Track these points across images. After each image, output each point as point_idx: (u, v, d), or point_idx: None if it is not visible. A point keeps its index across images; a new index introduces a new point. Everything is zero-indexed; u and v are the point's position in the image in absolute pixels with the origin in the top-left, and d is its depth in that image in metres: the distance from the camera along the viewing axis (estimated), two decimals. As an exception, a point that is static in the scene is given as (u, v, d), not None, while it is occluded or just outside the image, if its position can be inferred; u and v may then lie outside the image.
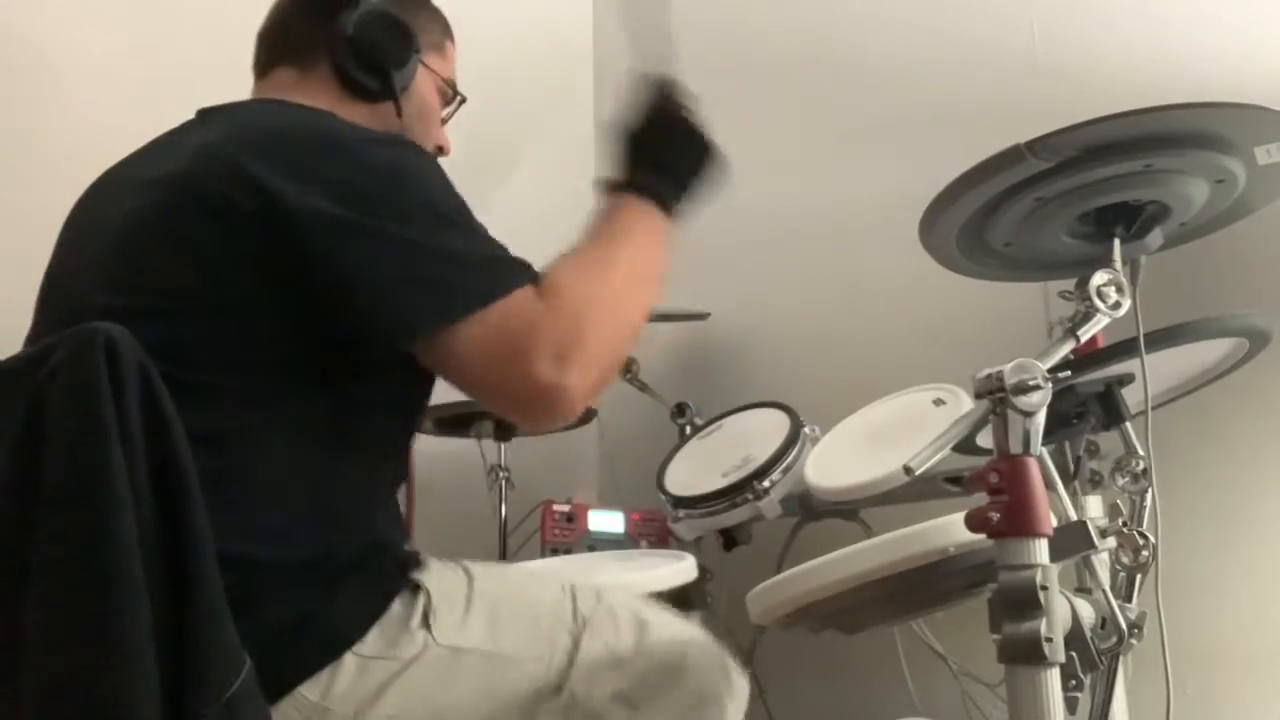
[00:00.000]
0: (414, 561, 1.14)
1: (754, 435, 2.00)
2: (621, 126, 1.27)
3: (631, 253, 1.18)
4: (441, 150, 1.40)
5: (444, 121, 1.41)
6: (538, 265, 1.13)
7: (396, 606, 1.09)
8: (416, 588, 1.11)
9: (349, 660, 1.04)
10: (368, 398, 1.13)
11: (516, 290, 1.07)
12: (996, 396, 1.11)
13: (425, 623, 1.09)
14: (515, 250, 1.13)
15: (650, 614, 1.25)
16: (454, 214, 1.11)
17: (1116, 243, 1.50)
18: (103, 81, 2.02)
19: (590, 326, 1.08)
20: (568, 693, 1.14)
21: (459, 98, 1.42)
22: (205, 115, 1.25)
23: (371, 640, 1.06)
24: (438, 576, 1.14)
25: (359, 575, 1.08)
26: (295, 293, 1.05)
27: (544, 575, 1.29)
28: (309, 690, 1.02)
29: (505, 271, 1.09)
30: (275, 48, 1.32)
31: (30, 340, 1.19)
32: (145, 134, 1.26)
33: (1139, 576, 1.33)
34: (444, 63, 1.39)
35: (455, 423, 2.23)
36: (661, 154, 1.25)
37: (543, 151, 2.79)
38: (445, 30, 1.41)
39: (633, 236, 1.20)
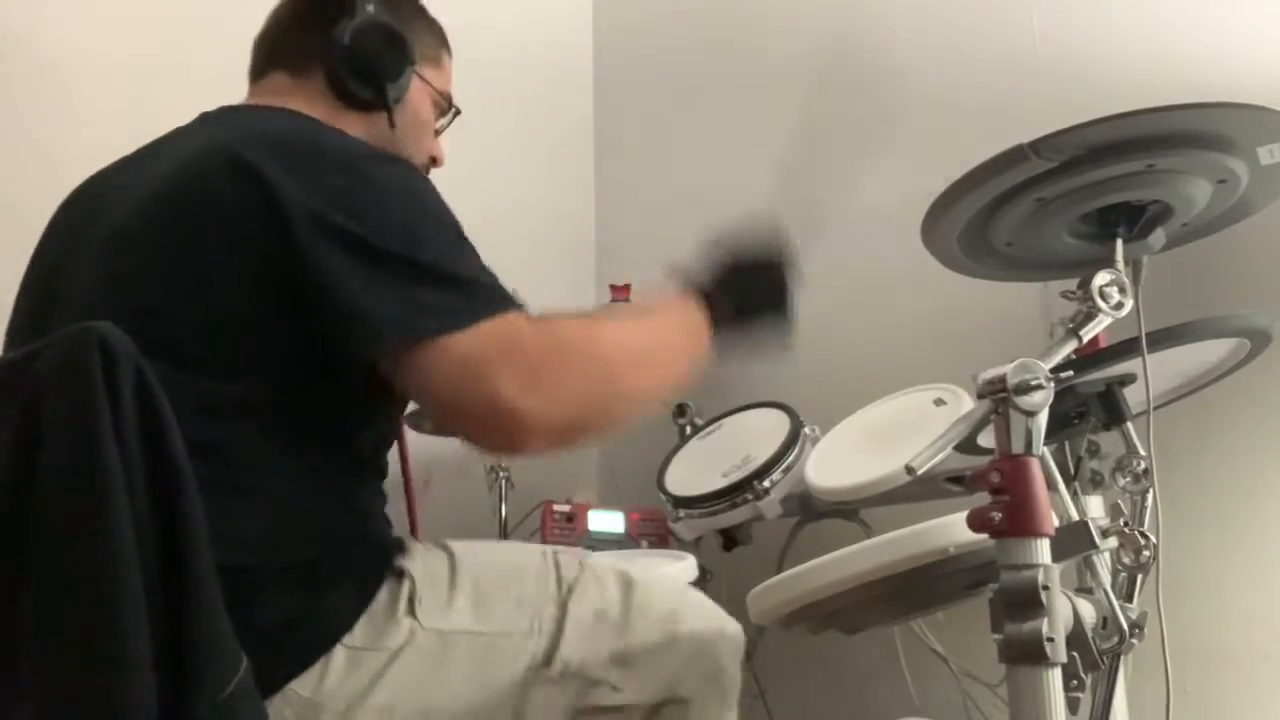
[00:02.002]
0: (398, 548, 1.14)
1: (754, 435, 2.00)
2: (726, 247, 1.28)
3: (654, 333, 1.18)
4: (435, 161, 1.40)
5: (438, 133, 1.41)
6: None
7: (383, 595, 1.09)
8: (401, 574, 1.11)
9: (339, 654, 1.04)
10: (358, 399, 1.12)
11: (497, 316, 1.05)
12: (998, 396, 1.11)
13: (411, 609, 1.09)
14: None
15: (635, 573, 1.24)
16: (446, 236, 1.10)
17: (1119, 243, 1.50)
18: (104, 83, 2.02)
19: (571, 365, 1.06)
20: (559, 662, 1.14)
21: (454, 110, 1.42)
22: (206, 118, 1.25)
23: (360, 631, 1.06)
24: (421, 561, 1.14)
25: (347, 571, 1.08)
26: (286, 294, 1.05)
27: (525, 547, 1.28)
28: (301, 686, 1.02)
29: (487, 298, 1.07)
30: (271, 53, 1.32)
31: (10, 336, 1.18)
32: (147, 135, 1.26)
33: (1140, 576, 1.33)
34: (439, 75, 1.39)
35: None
36: (744, 288, 1.26)
37: (542, 152, 2.79)
38: (441, 42, 1.40)
39: (664, 323, 1.20)
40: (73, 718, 0.82)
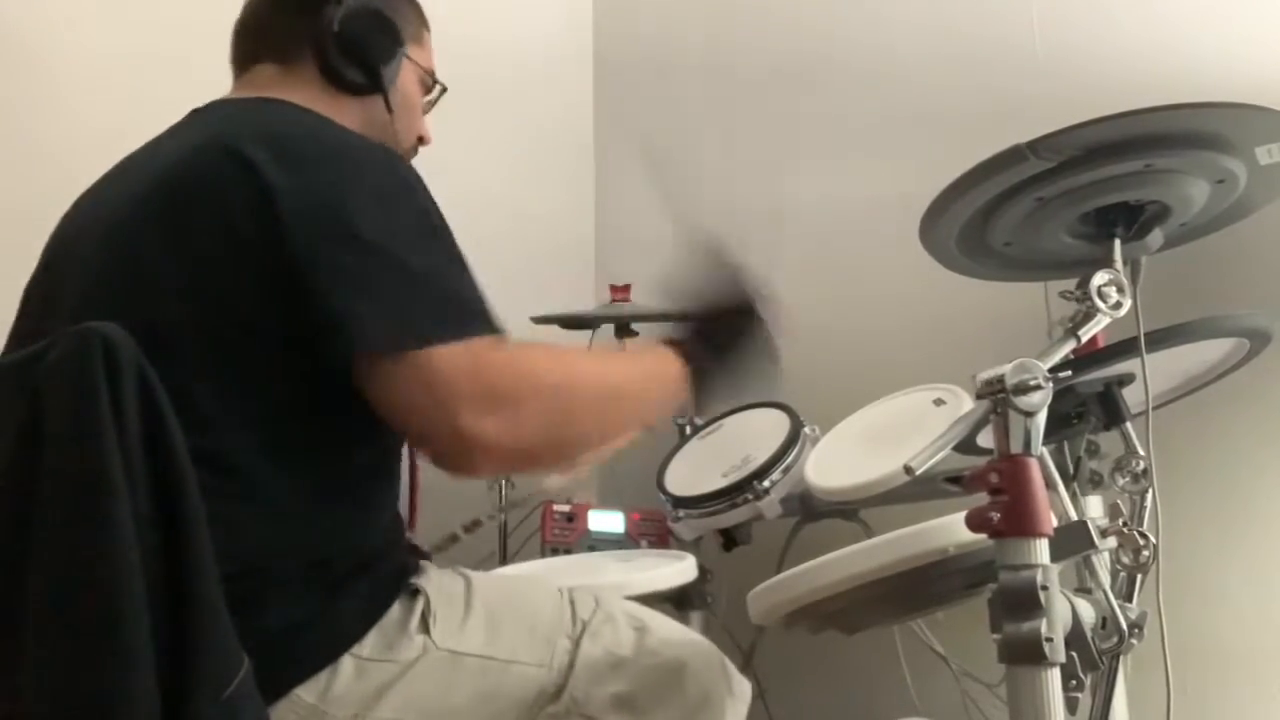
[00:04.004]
0: (413, 566, 1.14)
1: (754, 435, 2.00)
2: (690, 296, 1.26)
3: (625, 374, 1.17)
4: (422, 140, 1.39)
5: (425, 111, 1.40)
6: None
7: (395, 610, 1.09)
8: (415, 592, 1.11)
9: (347, 663, 1.04)
10: (359, 401, 1.12)
11: (470, 339, 1.04)
12: (997, 396, 1.11)
13: (424, 626, 1.09)
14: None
15: (648, 618, 1.25)
16: (435, 237, 1.10)
17: (1117, 243, 1.50)
18: (100, 80, 2.02)
19: (533, 396, 1.05)
20: (568, 697, 1.14)
21: (439, 87, 1.41)
22: (197, 113, 1.25)
23: (370, 643, 1.06)
24: (436, 581, 1.14)
25: (358, 580, 1.08)
26: (282, 292, 1.04)
27: (542, 580, 1.29)
28: (306, 693, 1.02)
29: (464, 315, 1.06)
30: (255, 43, 1.30)
31: (14, 338, 1.18)
32: (142, 132, 1.26)
33: (1139, 576, 1.33)
34: (423, 53, 1.38)
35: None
36: (721, 338, 1.24)
37: (542, 152, 2.79)
38: (422, 20, 1.39)
39: (637, 366, 1.20)
40: (74, 716, 0.82)
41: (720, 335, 1.24)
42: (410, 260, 1.05)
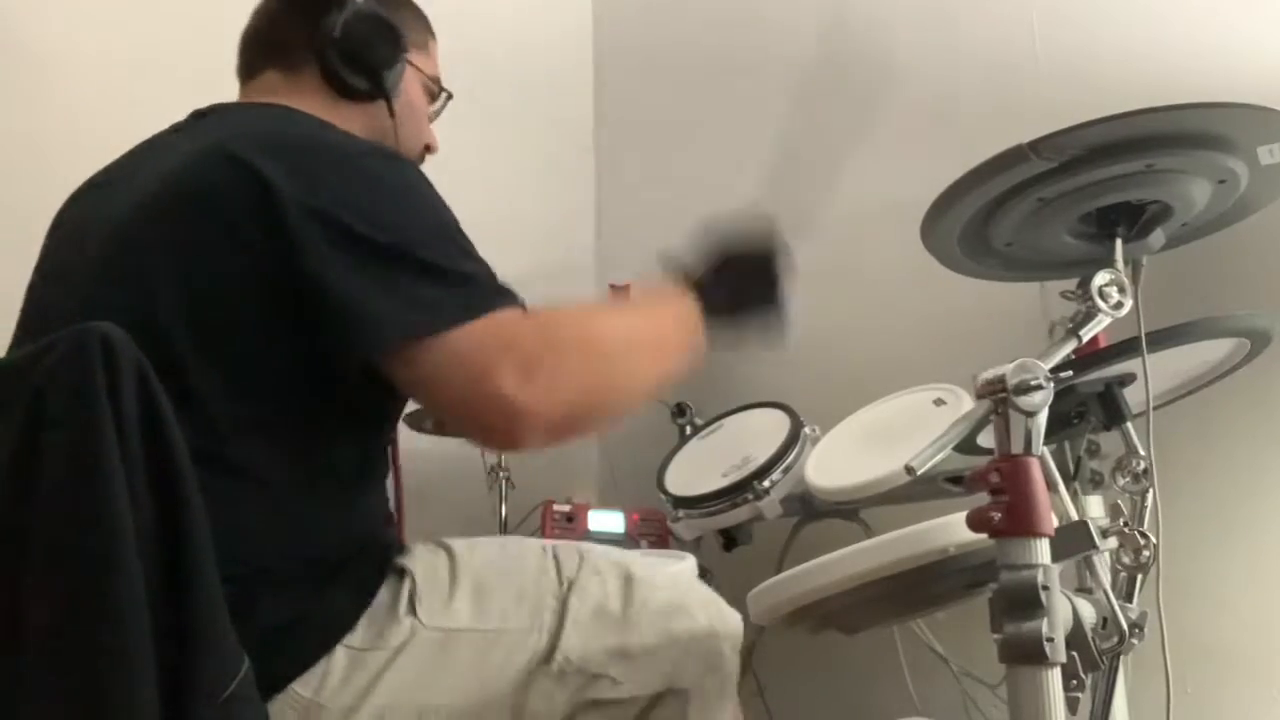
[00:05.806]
0: (397, 548, 1.15)
1: (754, 435, 2.00)
2: (718, 240, 1.28)
3: (648, 324, 1.19)
4: (429, 148, 1.40)
5: (431, 119, 1.41)
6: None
7: (383, 594, 1.09)
8: (401, 573, 1.12)
9: (340, 654, 1.05)
10: (356, 400, 1.12)
11: (495, 311, 1.05)
12: (998, 396, 1.10)
13: (412, 608, 1.09)
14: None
15: (635, 566, 1.24)
16: (443, 232, 1.10)
17: (1118, 243, 1.50)
18: (101, 81, 2.02)
19: (567, 355, 1.06)
20: (560, 657, 1.14)
21: (445, 94, 1.42)
22: (199, 116, 1.25)
23: (361, 631, 1.06)
24: (421, 560, 1.15)
25: (348, 568, 1.09)
26: (284, 293, 1.04)
27: (525, 542, 1.29)
28: (303, 687, 1.03)
29: (485, 293, 1.07)
30: (260, 50, 1.32)
31: (18, 336, 1.19)
32: (143, 133, 1.26)
33: (1140, 576, 1.33)
34: (428, 60, 1.39)
35: (455, 422, 2.22)
36: (736, 281, 1.26)
37: (542, 152, 2.79)
38: (427, 28, 1.41)
39: (658, 314, 1.21)
40: (73, 716, 0.82)
41: (736, 279, 1.26)
42: (423, 253, 1.06)
